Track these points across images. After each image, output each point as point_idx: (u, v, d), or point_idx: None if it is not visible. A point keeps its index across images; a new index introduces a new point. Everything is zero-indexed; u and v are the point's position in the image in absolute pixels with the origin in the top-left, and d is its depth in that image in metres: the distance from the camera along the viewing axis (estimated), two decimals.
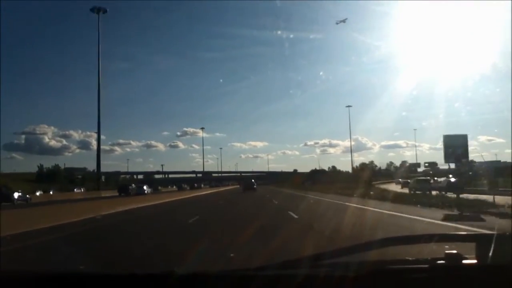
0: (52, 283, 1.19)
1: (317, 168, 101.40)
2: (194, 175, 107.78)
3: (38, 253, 6.82)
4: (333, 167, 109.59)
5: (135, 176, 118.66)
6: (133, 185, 47.33)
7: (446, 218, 9.83)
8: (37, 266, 5.54)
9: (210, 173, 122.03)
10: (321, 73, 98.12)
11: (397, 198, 17.90)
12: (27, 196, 30.79)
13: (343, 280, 1.09)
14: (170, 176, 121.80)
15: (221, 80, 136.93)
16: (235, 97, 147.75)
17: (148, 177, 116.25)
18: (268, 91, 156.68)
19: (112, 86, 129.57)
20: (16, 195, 28.89)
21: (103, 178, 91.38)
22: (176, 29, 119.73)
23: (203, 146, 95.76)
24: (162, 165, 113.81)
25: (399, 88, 60.71)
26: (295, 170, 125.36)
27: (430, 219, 9.82)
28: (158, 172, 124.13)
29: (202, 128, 76.38)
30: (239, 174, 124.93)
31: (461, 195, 15.09)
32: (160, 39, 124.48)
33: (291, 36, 61.12)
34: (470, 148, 16.39)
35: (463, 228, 7.92)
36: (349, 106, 63.83)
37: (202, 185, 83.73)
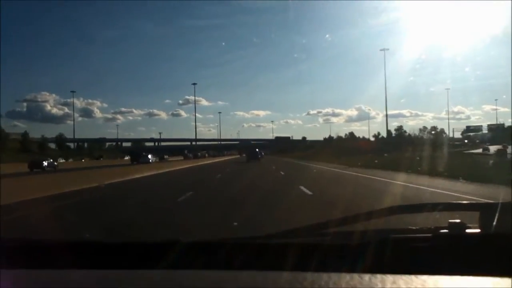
0: (57, 251, 1.31)
1: (332, 136, 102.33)
2: (189, 143, 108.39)
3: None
4: (351, 133, 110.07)
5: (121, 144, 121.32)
6: (143, 153, 57.12)
7: None
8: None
9: (207, 141, 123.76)
10: (327, 35, 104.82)
11: None
12: (55, 163, 41.30)
13: (346, 249, 1.21)
14: (163, 144, 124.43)
15: (223, 43, 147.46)
16: (238, 64, 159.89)
17: (137, 144, 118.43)
18: (271, 58, 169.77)
19: (115, 54, 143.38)
20: (45, 163, 39.12)
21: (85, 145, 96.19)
22: None
23: (195, 110, 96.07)
24: (160, 133, 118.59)
25: (406, 52, 61.14)
26: (304, 138, 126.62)
27: None
28: (148, 140, 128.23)
29: (194, 84, 78.27)
30: (238, 142, 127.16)
31: None
32: (163, 8, 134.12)
33: None
34: (474, 118, 16.66)
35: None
36: (384, 49, 60.69)
37: (199, 154, 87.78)
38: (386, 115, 58.85)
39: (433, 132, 77.26)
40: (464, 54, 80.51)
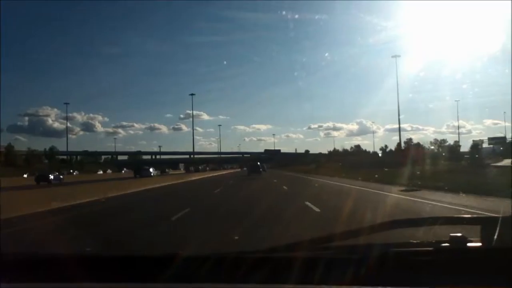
0: (58, 265, 1.35)
1: (337, 149, 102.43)
2: (187, 156, 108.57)
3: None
4: (357, 146, 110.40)
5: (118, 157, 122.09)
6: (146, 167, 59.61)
7: None
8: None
9: (206, 154, 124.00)
10: (326, 54, 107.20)
11: None
12: (61, 176, 43.39)
13: (348, 263, 1.23)
14: (162, 157, 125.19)
15: (224, 62, 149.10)
16: (239, 80, 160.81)
17: (133, 157, 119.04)
18: (272, 74, 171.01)
19: (117, 69, 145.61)
20: (51, 176, 40.86)
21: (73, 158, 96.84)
22: (179, 14, 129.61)
23: (193, 122, 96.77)
24: (160, 147, 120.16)
25: (405, 70, 62.47)
26: (307, 151, 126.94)
27: None
28: (144, 153, 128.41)
29: (192, 94, 76.03)
30: (241, 156, 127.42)
31: None
32: (162, 25, 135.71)
33: (296, 16, 63.71)
34: (475, 132, 15.64)
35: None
36: (396, 56, 55.52)
37: (200, 168, 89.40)
38: (399, 126, 57.49)
39: (446, 144, 76.84)
40: (463, 71, 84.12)
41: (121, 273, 1.31)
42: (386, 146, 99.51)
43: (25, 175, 60.13)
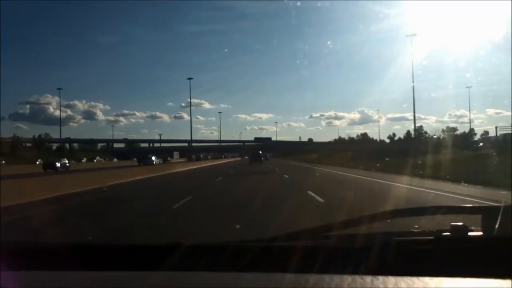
0: (61, 253, 1.38)
1: (342, 137, 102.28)
2: (186, 144, 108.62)
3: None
4: (363, 134, 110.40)
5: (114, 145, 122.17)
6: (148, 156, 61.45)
7: None
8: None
9: (205, 142, 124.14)
10: (328, 42, 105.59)
11: None
12: (67, 164, 46.01)
13: (349, 251, 1.26)
14: (158, 145, 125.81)
15: (225, 50, 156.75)
16: (241, 68, 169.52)
17: (130, 145, 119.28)
18: (274, 62, 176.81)
19: (119, 58, 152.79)
20: (58, 164, 43.27)
21: (67, 146, 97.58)
22: (181, 3, 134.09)
23: (190, 109, 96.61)
24: (160, 135, 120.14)
25: (408, 58, 62.73)
26: (310, 140, 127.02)
27: None
28: (140, 141, 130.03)
29: (190, 79, 75.22)
30: (241, 144, 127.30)
31: None
32: (167, 14, 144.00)
33: (298, 4, 64.56)
34: (477, 122, 15.26)
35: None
36: (411, 35, 50.08)
37: (201, 156, 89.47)
38: (414, 113, 54.20)
39: (456, 133, 76.50)
40: (466, 60, 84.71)
41: (123, 262, 1.34)
42: (394, 134, 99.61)
43: (37, 162, 62.74)
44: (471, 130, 79.86)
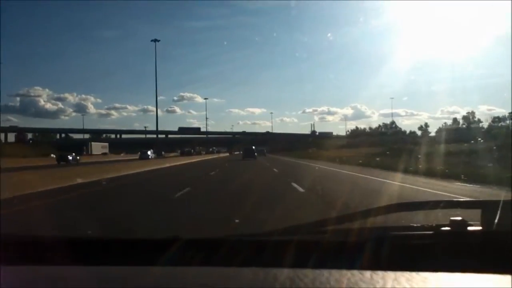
0: (56, 247, 1.40)
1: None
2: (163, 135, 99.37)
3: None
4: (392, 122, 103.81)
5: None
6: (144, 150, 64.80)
7: None
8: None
9: (188, 133, 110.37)
10: (321, 39, 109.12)
11: None
12: (77, 158, 51.47)
13: (347, 246, 1.29)
14: (125, 136, 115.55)
15: (225, 43, 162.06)
16: (233, 63, 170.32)
17: (96, 136, 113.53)
18: (267, 58, 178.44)
19: (111, 51, 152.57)
20: (69, 157, 49.00)
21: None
22: None
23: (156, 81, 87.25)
24: (145, 127, 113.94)
25: (403, 53, 67.47)
26: (314, 132, 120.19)
27: None
28: (107, 131, 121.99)
29: (155, 40, 64.19)
30: (230, 136, 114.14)
31: None
32: (162, 8, 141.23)
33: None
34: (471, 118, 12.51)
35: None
36: None
37: (192, 151, 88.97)
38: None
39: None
40: (460, 58, 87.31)
41: (120, 256, 1.37)
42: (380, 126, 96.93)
43: (52, 155, 65.03)
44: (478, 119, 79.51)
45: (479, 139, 35.00)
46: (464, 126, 74.95)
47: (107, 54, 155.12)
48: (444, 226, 1.39)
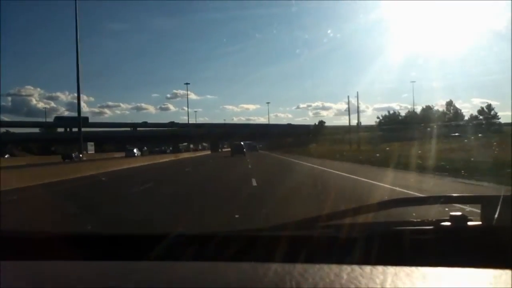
0: (49, 243, 1.41)
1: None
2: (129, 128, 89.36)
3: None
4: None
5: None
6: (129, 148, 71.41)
7: None
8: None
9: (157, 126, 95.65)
10: (317, 34, 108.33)
11: None
12: (80, 155, 53.86)
13: (348, 241, 1.28)
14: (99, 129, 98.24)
15: (224, 40, 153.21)
16: (228, 59, 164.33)
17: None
18: (261, 54, 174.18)
19: (102, 47, 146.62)
20: (73, 155, 55.56)
21: None
22: None
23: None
24: (133, 123, 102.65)
25: (399, 48, 66.95)
26: (321, 122, 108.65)
27: None
28: (123, 125, 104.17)
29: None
30: (223, 127, 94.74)
31: None
32: (154, 2, 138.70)
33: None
34: (464, 111, 13.11)
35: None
36: None
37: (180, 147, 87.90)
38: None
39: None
40: (453, 51, 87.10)
41: (111, 251, 1.37)
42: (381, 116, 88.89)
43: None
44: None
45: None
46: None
47: (99, 53, 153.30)
48: (444, 221, 1.39)
